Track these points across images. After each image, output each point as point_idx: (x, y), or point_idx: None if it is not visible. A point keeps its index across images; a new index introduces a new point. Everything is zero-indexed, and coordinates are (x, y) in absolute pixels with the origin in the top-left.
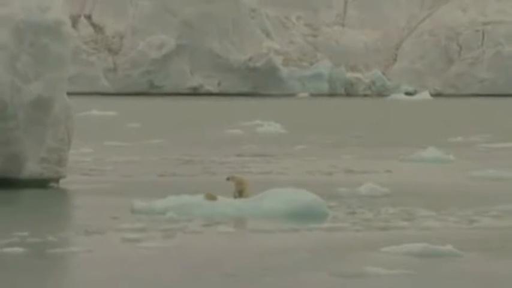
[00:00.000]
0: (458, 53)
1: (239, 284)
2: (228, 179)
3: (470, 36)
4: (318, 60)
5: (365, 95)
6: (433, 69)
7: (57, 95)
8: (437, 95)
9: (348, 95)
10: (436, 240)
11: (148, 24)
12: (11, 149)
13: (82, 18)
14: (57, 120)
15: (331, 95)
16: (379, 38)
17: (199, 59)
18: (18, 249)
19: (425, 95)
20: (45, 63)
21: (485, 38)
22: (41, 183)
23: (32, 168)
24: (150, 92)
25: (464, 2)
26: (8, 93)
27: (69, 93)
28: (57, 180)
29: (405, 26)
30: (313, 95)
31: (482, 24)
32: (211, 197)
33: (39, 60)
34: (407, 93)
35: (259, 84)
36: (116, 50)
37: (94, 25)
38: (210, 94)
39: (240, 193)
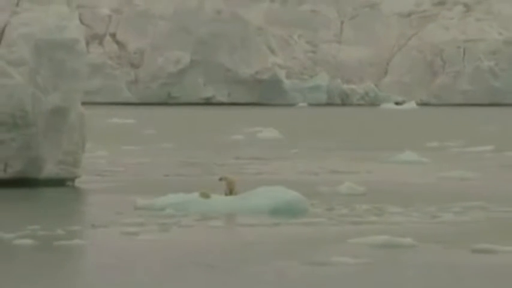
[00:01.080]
0: (442, 67)
1: (216, 274)
2: (220, 179)
3: (453, 52)
4: (317, 73)
5: (359, 105)
6: (419, 82)
7: (73, 104)
8: (423, 104)
9: (344, 104)
10: (399, 233)
11: (166, 42)
12: (32, 153)
13: (107, 36)
14: (72, 127)
15: (329, 104)
16: (372, 54)
17: (211, 73)
18: (28, 241)
19: (412, 104)
20: (62, 77)
21: (466, 54)
22: (58, 183)
23: (50, 169)
24: (168, 102)
25: (447, 21)
26: (29, 103)
27: (95, 103)
28: (72, 179)
29: (395, 43)
30: (312, 105)
31: (463, 42)
32: (205, 195)
33: (56, 74)
34: (397, 103)
35: (264, 95)
36: (137, 64)
37: (118, 42)
38: (221, 104)
39: (230, 191)
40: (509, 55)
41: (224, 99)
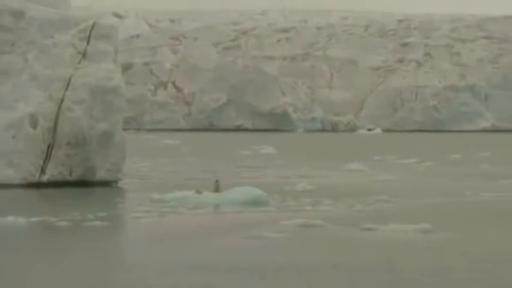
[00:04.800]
0: (401, 105)
1: (164, 247)
2: (216, 180)
3: (408, 94)
4: (314, 109)
5: (343, 131)
6: (385, 115)
7: (116, 130)
8: (387, 131)
9: (333, 130)
10: (317, 217)
11: (209, 87)
12: (88, 163)
13: (169, 83)
14: (116, 145)
15: (322, 130)
16: (352, 96)
17: (241, 108)
18: (64, 223)
19: (378, 130)
20: (109, 111)
21: (418, 95)
22: (106, 184)
23: (101, 174)
24: (210, 128)
25: (405, 73)
26: (86, 130)
27: (160, 130)
28: (116, 182)
29: (368, 88)
30: (309, 131)
31: (415, 87)
32: (199, 192)
33: (105, 109)
34: (368, 130)
35: (278, 124)
36: (190, 102)
37: (176, 87)
38: (246, 130)
39: (216, 190)
40: (447, 96)
41: (249, 127)
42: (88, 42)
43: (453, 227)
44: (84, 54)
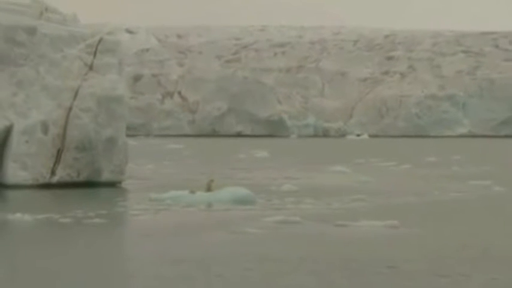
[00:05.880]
0: (387, 112)
1: (157, 241)
2: (212, 180)
3: (393, 103)
4: (307, 116)
5: (334, 136)
6: (372, 121)
7: (120, 136)
8: (374, 136)
9: (324, 136)
10: (296, 214)
11: (212, 96)
12: (94, 165)
13: (176, 93)
14: (119, 149)
15: (315, 136)
16: (342, 104)
17: (241, 116)
18: (67, 219)
19: (366, 136)
20: (113, 118)
21: (402, 104)
22: (111, 184)
23: (106, 176)
24: (213, 134)
25: (390, 84)
26: (93, 135)
27: (166, 135)
28: (120, 182)
29: (356, 97)
30: (302, 136)
31: (400, 97)
32: (193, 192)
33: (109, 117)
34: (357, 135)
35: (274, 130)
36: (194, 111)
37: (182, 96)
38: (246, 136)
39: (208, 189)
40: (428, 105)
41: (248, 133)
42: (94, 56)
43: (418, 224)
44: (90, 67)
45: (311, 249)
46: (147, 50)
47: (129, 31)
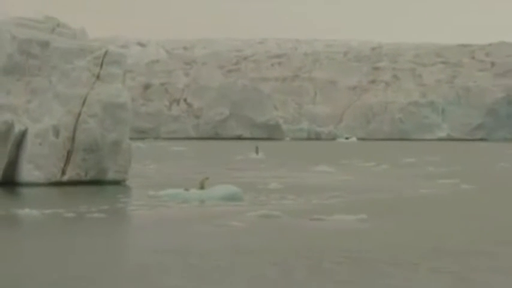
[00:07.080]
0: (373, 117)
1: (148, 233)
2: (207, 178)
3: (379, 108)
4: (301, 121)
5: (325, 139)
6: (359, 126)
7: (124, 138)
8: (361, 139)
9: (317, 139)
10: (276, 209)
11: (215, 102)
12: (100, 165)
13: (182, 100)
14: (123, 151)
15: (308, 139)
16: (333, 110)
17: (241, 121)
18: (71, 214)
19: (354, 139)
20: (117, 123)
21: (387, 109)
22: (116, 183)
23: (111, 175)
24: (216, 137)
25: (376, 92)
26: (99, 138)
27: (173, 138)
28: (124, 181)
29: (346, 103)
30: (295, 139)
31: (385, 103)
32: (187, 189)
33: (114, 121)
34: (346, 138)
35: (271, 134)
36: (199, 116)
37: (187, 103)
38: (245, 138)
39: (201, 187)
40: (411, 111)
41: (248, 136)
42: (101, 67)
43: (385, 218)
44: (98, 77)
45: (283, 240)
46: (157, 61)
47: (140, 44)
